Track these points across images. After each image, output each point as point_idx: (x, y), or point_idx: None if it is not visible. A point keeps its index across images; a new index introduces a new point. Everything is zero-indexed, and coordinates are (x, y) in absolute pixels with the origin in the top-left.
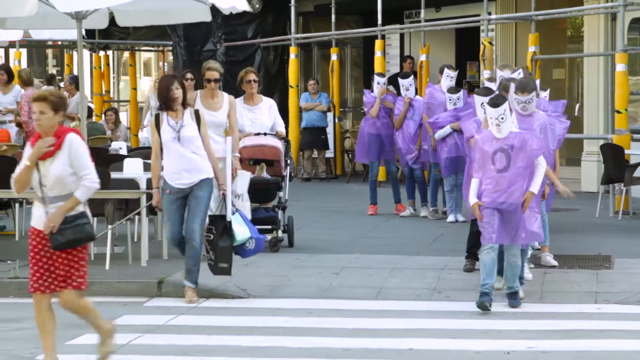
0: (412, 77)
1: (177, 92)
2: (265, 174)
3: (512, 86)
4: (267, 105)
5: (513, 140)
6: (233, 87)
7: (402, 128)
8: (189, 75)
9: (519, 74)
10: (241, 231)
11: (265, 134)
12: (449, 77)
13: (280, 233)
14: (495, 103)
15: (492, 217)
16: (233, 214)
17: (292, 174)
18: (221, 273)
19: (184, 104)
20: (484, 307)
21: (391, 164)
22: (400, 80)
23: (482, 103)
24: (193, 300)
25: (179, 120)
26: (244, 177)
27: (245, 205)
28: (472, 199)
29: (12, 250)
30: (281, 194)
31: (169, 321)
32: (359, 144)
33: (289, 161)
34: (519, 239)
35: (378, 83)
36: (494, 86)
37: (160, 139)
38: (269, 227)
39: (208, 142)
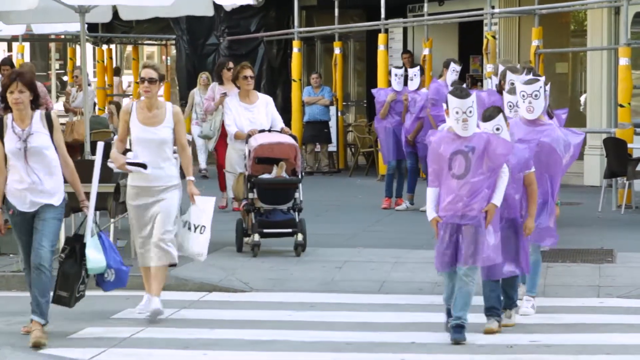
0: (417, 67)
1: (21, 97)
2: (284, 174)
3: (516, 85)
4: (264, 103)
5: (474, 142)
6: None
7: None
8: (231, 65)
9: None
10: (95, 258)
11: (269, 130)
12: (454, 72)
13: (300, 237)
14: (462, 94)
15: (450, 237)
16: (92, 235)
17: (302, 173)
18: (59, 302)
19: (35, 106)
20: (459, 343)
21: (403, 160)
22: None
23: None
24: (41, 342)
25: (26, 126)
26: (205, 206)
27: (200, 240)
28: (431, 213)
29: (14, 244)
30: (296, 194)
31: (171, 314)
32: (381, 144)
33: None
34: (479, 260)
35: (396, 75)
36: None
37: (4, 149)
38: (289, 230)
39: (64, 151)
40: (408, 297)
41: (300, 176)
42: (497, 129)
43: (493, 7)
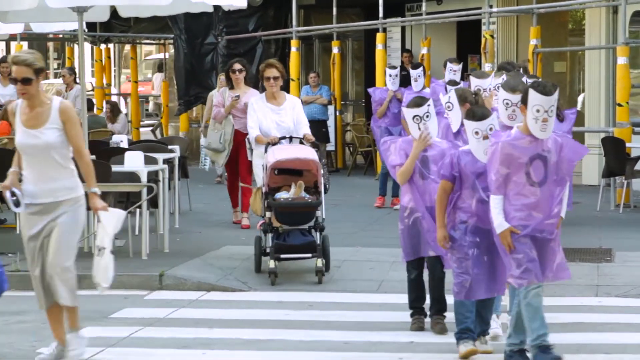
0: (421, 68)
1: None
2: (303, 194)
3: (500, 92)
4: (291, 105)
5: (550, 144)
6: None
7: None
8: (237, 67)
9: (502, 79)
10: None
11: (290, 138)
12: (452, 71)
13: (320, 262)
14: (545, 90)
15: (531, 249)
16: None
17: (327, 186)
18: None
19: None
20: None
21: None
22: (411, 71)
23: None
24: None
25: None
26: (108, 221)
27: (100, 266)
28: (503, 224)
29: (13, 243)
30: (319, 212)
31: (169, 314)
32: (377, 143)
33: (322, 171)
34: (549, 275)
35: (390, 75)
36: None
37: None
38: (309, 255)
39: None
40: (406, 297)
41: (324, 189)
42: (490, 129)
43: (491, 6)
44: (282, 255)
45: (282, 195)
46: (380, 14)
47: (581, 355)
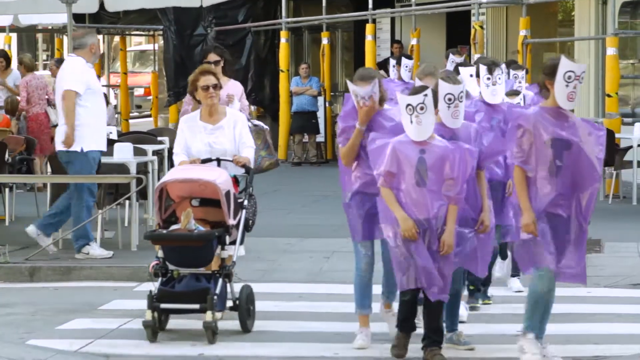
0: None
1: None
2: (193, 224)
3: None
4: (231, 123)
5: None
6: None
7: None
8: (213, 58)
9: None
10: None
11: (218, 161)
12: (453, 63)
13: (218, 315)
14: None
15: None
16: None
17: (251, 222)
18: None
19: None
20: None
21: None
22: (405, 60)
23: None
24: None
25: None
26: None
27: None
28: None
29: (2, 235)
30: (226, 253)
31: None
32: None
33: (245, 202)
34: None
35: (394, 66)
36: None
37: None
38: (196, 306)
39: None
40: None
41: (245, 226)
42: None
43: None
44: (163, 305)
45: (174, 227)
46: (370, 5)
47: (570, 346)
